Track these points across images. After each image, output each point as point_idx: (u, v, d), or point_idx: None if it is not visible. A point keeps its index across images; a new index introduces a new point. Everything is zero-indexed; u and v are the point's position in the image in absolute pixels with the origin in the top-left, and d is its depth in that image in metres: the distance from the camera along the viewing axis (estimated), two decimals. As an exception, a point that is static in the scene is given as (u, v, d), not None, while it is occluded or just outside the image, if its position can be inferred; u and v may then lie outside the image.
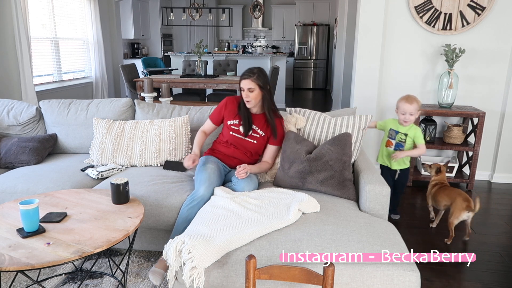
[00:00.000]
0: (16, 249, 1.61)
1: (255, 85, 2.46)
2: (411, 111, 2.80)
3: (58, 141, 3.20)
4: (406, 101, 2.82)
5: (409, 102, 2.80)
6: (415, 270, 1.69)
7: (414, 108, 2.79)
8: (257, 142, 2.58)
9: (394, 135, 2.94)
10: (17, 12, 4.65)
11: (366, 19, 3.86)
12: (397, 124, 2.93)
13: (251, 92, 2.47)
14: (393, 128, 2.95)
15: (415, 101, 2.82)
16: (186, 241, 1.71)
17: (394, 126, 2.95)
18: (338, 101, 7.51)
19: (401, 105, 2.84)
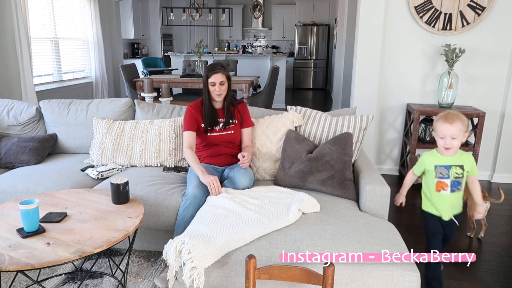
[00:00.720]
0: (16, 249, 1.61)
1: (225, 77, 2.57)
2: (452, 134, 2.03)
3: (58, 141, 3.20)
4: (445, 121, 2.04)
5: (448, 122, 2.03)
6: (415, 270, 1.69)
7: (456, 130, 2.02)
8: (234, 131, 2.65)
9: (446, 172, 2.09)
10: (17, 12, 4.65)
11: (366, 19, 3.86)
12: (440, 156, 2.12)
13: (223, 85, 2.56)
14: (440, 164, 2.10)
15: (458, 119, 2.03)
16: (186, 241, 1.71)
17: (439, 160, 2.11)
18: (338, 101, 7.52)
19: (439, 126, 2.06)
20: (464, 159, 2.11)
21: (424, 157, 2.16)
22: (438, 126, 2.07)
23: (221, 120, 2.64)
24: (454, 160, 2.09)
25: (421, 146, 3.78)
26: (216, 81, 2.53)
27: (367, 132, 3.34)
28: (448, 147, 2.05)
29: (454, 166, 2.08)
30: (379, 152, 4.24)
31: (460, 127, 2.03)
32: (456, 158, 2.10)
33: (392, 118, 4.12)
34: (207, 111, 2.60)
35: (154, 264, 2.45)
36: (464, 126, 2.04)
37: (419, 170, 2.20)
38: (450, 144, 2.04)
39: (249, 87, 5.80)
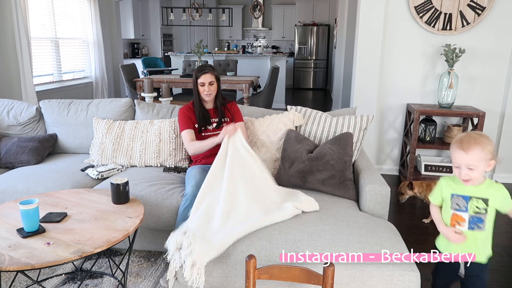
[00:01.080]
0: (16, 249, 1.61)
1: (214, 78, 2.62)
2: (468, 164, 1.58)
3: (58, 141, 3.20)
4: (460, 147, 1.60)
5: (463, 149, 1.59)
6: (415, 270, 1.69)
7: (474, 159, 1.57)
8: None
9: (464, 204, 1.66)
10: (17, 12, 4.65)
11: (366, 19, 3.86)
12: (459, 182, 1.67)
13: (212, 85, 2.61)
14: (458, 193, 1.68)
15: (476, 145, 1.58)
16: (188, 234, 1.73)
17: (457, 188, 1.68)
18: (338, 101, 7.52)
19: (453, 153, 1.65)
20: (491, 192, 1.63)
21: (442, 181, 1.76)
22: (452, 152, 1.65)
23: (214, 120, 2.69)
24: (476, 191, 1.64)
25: (421, 146, 3.78)
26: (205, 81, 2.59)
27: (367, 132, 3.34)
28: (465, 178, 1.61)
29: (476, 198, 1.64)
30: (379, 152, 4.24)
31: (480, 155, 1.57)
32: (480, 188, 1.64)
33: (392, 118, 4.12)
34: (199, 112, 2.65)
35: (154, 264, 2.45)
36: (487, 153, 1.57)
37: (435, 197, 1.78)
38: (466, 176, 1.60)
39: (249, 87, 5.80)
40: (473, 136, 1.61)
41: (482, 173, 1.61)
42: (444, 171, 3.84)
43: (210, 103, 2.70)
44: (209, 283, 1.78)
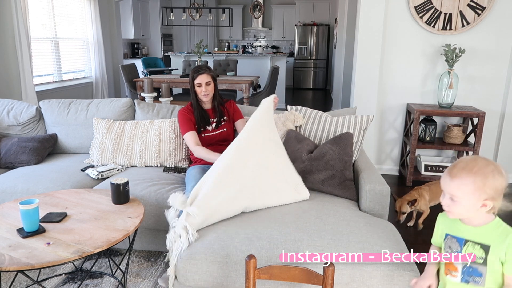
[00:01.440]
0: (16, 249, 1.61)
1: (211, 78, 2.63)
2: (451, 193, 1.27)
3: (58, 141, 3.20)
4: (449, 170, 1.30)
5: (450, 174, 1.28)
6: (415, 270, 1.69)
7: (458, 190, 1.25)
8: (227, 128, 2.74)
9: (457, 247, 1.34)
10: (17, 12, 4.65)
11: (366, 19, 3.86)
12: (457, 221, 1.34)
13: (208, 85, 2.62)
14: (452, 233, 1.36)
15: (468, 175, 1.23)
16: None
17: (453, 226, 1.35)
18: (338, 101, 7.52)
19: (441, 180, 1.33)
20: (496, 237, 1.24)
21: (440, 217, 1.43)
22: (441, 180, 1.33)
23: (213, 120, 2.71)
24: (475, 233, 1.28)
25: (421, 146, 3.78)
26: (202, 81, 2.60)
27: (367, 132, 3.34)
28: (445, 208, 1.31)
29: (472, 242, 1.28)
30: (379, 152, 4.24)
31: (469, 188, 1.22)
32: (481, 230, 1.27)
33: (392, 118, 4.12)
34: (198, 113, 2.66)
35: (154, 264, 2.45)
36: (481, 189, 1.21)
37: (434, 236, 1.47)
38: (445, 206, 1.30)
39: (249, 87, 5.80)
40: (471, 164, 1.25)
41: (469, 210, 1.25)
42: (444, 171, 3.83)
43: (208, 104, 2.72)
44: (209, 283, 1.78)
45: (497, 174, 1.22)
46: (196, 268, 1.77)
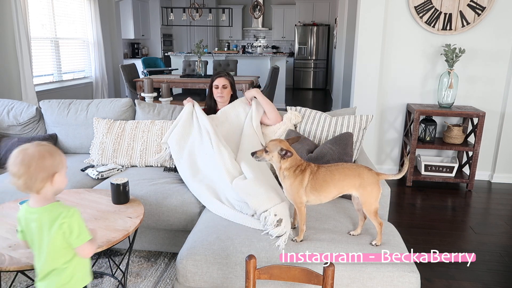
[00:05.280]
0: (16, 249, 1.61)
1: (228, 82, 2.81)
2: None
3: (58, 141, 3.19)
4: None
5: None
6: (415, 271, 1.69)
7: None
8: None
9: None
10: (17, 12, 4.65)
11: (366, 19, 3.86)
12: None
13: (225, 88, 2.81)
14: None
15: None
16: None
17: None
18: (338, 101, 7.52)
19: None
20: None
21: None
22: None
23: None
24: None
25: (421, 146, 3.78)
26: (219, 84, 2.79)
27: (367, 132, 3.34)
28: None
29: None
30: (379, 152, 4.24)
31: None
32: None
33: (392, 118, 4.12)
34: (209, 111, 2.77)
35: (154, 264, 2.45)
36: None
37: None
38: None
39: (249, 87, 5.80)
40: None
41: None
42: (444, 171, 3.84)
43: (222, 105, 2.84)
44: (209, 283, 1.78)
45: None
46: (196, 269, 1.77)
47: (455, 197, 3.68)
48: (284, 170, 1.78)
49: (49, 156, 1.30)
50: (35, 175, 1.27)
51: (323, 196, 1.79)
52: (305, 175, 1.78)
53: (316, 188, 1.77)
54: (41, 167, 1.27)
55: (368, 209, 1.77)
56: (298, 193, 1.77)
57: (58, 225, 1.29)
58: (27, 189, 1.29)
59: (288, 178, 1.78)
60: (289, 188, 1.78)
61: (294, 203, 1.80)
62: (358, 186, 1.76)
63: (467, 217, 3.27)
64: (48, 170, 1.29)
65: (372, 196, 1.76)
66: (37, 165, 1.27)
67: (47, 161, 1.29)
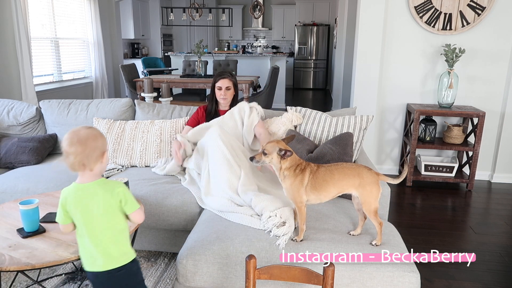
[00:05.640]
0: (16, 249, 1.61)
1: (232, 84, 2.74)
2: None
3: (58, 141, 3.20)
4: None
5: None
6: (415, 271, 1.69)
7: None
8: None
9: None
10: (17, 12, 4.65)
11: (366, 19, 3.86)
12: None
13: (228, 90, 2.74)
14: None
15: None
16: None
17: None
18: (338, 101, 7.52)
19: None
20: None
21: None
22: None
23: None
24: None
25: (421, 146, 3.78)
26: (222, 85, 2.72)
27: (367, 132, 3.34)
28: None
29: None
30: (379, 152, 4.24)
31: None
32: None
33: (392, 118, 4.12)
34: (211, 116, 2.74)
35: (154, 264, 2.45)
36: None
37: None
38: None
39: (249, 87, 5.80)
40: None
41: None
42: (444, 171, 3.84)
43: (225, 106, 2.80)
44: (209, 283, 1.78)
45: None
46: (196, 269, 1.77)
47: (455, 197, 3.68)
48: (285, 170, 1.78)
49: (100, 137, 1.45)
50: (91, 154, 1.41)
51: (323, 196, 1.81)
52: (305, 175, 1.78)
53: (316, 187, 1.78)
54: (95, 147, 1.42)
55: (368, 209, 1.78)
56: (299, 192, 1.77)
57: (115, 194, 1.44)
58: (81, 167, 1.42)
59: (289, 177, 1.78)
60: (290, 188, 1.79)
61: (295, 202, 1.80)
62: (358, 185, 1.77)
63: (467, 217, 3.27)
64: (100, 149, 1.43)
65: (371, 196, 1.77)
66: (92, 145, 1.41)
67: (99, 141, 1.44)
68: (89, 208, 1.42)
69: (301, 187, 1.77)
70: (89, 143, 1.41)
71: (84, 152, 1.40)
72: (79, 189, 1.45)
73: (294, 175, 1.77)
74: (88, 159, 1.40)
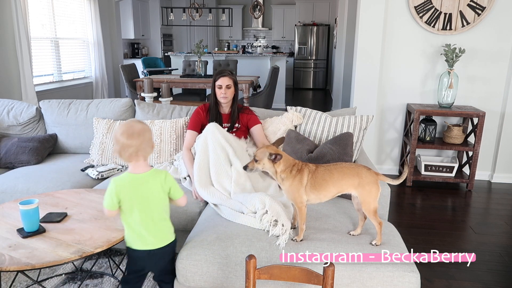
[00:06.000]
0: (16, 249, 1.61)
1: (232, 82, 2.63)
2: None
3: (58, 141, 3.20)
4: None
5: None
6: (415, 271, 1.69)
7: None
8: (235, 134, 2.66)
9: None
10: (17, 12, 4.65)
11: (366, 19, 3.86)
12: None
13: (229, 88, 2.63)
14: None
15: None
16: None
17: None
18: (338, 101, 7.52)
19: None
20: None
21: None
22: None
23: (226, 125, 2.67)
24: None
25: (421, 146, 3.78)
26: (222, 84, 2.61)
27: (367, 132, 3.34)
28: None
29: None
30: (379, 152, 4.24)
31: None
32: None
33: (392, 118, 4.12)
34: (213, 115, 2.66)
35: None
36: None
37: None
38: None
39: (249, 87, 5.80)
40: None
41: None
42: (444, 171, 3.84)
43: (226, 107, 2.71)
44: (209, 283, 1.78)
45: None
46: (196, 269, 1.77)
47: (455, 197, 3.68)
48: (281, 173, 1.80)
49: (149, 130, 1.62)
50: (146, 145, 1.58)
51: (323, 195, 1.81)
52: (303, 175, 1.79)
53: (315, 187, 1.79)
54: (149, 138, 1.60)
55: (367, 209, 1.78)
56: (299, 192, 1.78)
57: (167, 182, 1.63)
58: (136, 157, 1.58)
59: (287, 179, 1.79)
60: (289, 189, 1.79)
61: (295, 203, 1.80)
62: (357, 185, 1.78)
63: (467, 217, 3.27)
64: (152, 141, 1.61)
65: (371, 196, 1.77)
66: (147, 136, 1.59)
67: (151, 134, 1.62)
68: (145, 196, 1.59)
69: (300, 187, 1.78)
70: (146, 135, 1.58)
71: (142, 144, 1.56)
72: (134, 178, 1.60)
73: (292, 176, 1.78)
74: (144, 150, 1.58)
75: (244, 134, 2.71)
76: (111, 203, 1.57)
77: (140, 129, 1.57)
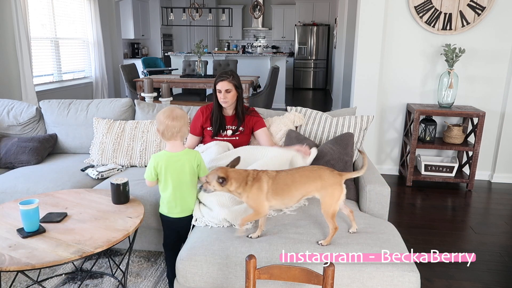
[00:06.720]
0: (16, 249, 1.61)
1: (232, 86, 2.55)
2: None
3: (58, 141, 3.20)
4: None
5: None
6: (415, 271, 1.69)
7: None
8: (238, 138, 2.63)
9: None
10: (17, 12, 4.65)
11: (366, 19, 3.86)
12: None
13: (228, 93, 2.55)
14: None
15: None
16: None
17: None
18: (338, 101, 7.52)
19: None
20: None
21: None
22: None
23: (230, 128, 2.63)
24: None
25: (421, 146, 3.78)
26: (222, 88, 2.54)
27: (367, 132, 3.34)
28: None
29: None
30: (379, 152, 4.24)
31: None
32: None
33: (392, 118, 4.12)
34: (216, 117, 2.62)
35: (154, 264, 2.45)
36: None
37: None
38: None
39: (249, 87, 5.80)
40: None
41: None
42: (444, 171, 3.84)
43: (229, 110, 2.64)
44: (209, 284, 1.78)
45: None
46: (196, 269, 1.77)
47: (455, 197, 3.68)
48: (236, 190, 1.79)
49: (187, 116, 1.96)
50: (184, 127, 1.94)
51: (287, 200, 1.81)
52: (262, 182, 1.78)
53: (277, 192, 1.78)
54: (187, 122, 1.96)
55: (326, 211, 1.77)
56: (259, 200, 1.77)
57: (197, 160, 1.98)
58: (175, 137, 1.94)
59: (244, 192, 1.79)
60: (249, 199, 1.79)
61: (258, 213, 1.80)
62: (320, 188, 1.78)
63: (467, 217, 3.27)
64: (188, 125, 1.91)
65: (332, 198, 1.77)
66: (186, 120, 1.95)
67: (187, 119, 1.95)
68: (178, 171, 1.94)
69: (260, 195, 1.77)
70: (185, 119, 1.93)
71: (182, 126, 1.91)
72: (170, 156, 1.95)
73: (249, 187, 1.78)
74: (182, 131, 1.93)
75: (247, 138, 2.67)
76: (150, 175, 1.96)
77: (181, 114, 1.93)
